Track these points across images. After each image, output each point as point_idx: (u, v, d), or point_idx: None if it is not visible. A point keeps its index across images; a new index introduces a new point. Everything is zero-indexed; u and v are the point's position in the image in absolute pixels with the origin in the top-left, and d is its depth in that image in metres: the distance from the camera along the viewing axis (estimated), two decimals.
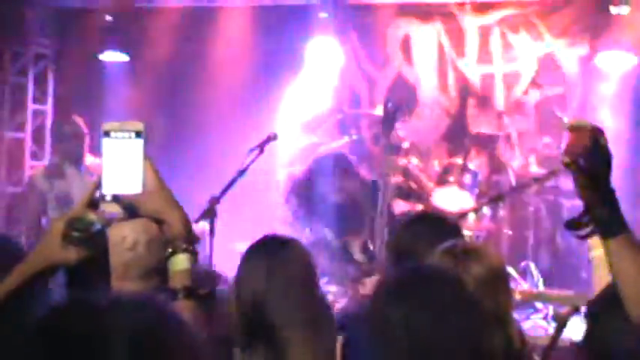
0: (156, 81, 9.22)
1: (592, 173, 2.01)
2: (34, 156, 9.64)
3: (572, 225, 2.09)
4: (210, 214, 5.82)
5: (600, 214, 2.05)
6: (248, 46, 9.07)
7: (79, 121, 6.83)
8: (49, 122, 9.63)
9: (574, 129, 2.04)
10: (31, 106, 9.60)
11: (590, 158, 1.99)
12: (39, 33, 9.53)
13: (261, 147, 6.09)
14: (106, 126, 1.84)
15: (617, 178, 2.10)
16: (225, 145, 8.37)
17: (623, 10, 7.83)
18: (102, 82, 9.51)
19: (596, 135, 2.02)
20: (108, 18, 9.07)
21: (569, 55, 8.88)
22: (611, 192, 2.06)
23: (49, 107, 9.70)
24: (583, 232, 2.09)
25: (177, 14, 9.20)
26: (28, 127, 9.59)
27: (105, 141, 1.84)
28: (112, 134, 1.83)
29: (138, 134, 1.84)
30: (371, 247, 7.67)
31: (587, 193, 2.05)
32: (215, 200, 5.85)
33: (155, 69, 9.20)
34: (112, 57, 9.27)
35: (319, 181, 8.15)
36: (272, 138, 6.23)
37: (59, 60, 9.67)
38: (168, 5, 9.27)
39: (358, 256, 7.94)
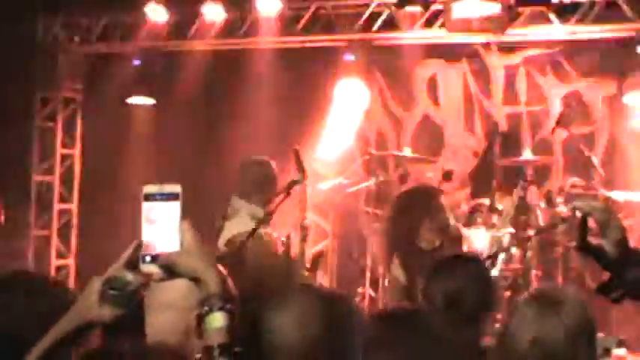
0: (182, 123, 9.29)
1: (603, 253, 2.06)
2: (62, 199, 9.73)
3: (603, 289, 2.11)
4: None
5: (627, 277, 2.08)
6: (273, 88, 9.09)
7: (272, 163, 6.27)
8: (77, 166, 9.72)
9: (580, 210, 2.10)
10: (59, 150, 9.71)
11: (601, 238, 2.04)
12: (68, 78, 9.67)
13: (287, 190, 5.94)
14: (146, 189, 1.88)
15: None
16: None
17: None
18: (129, 126, 9.60)
19: (605, 214, 2.07)
20: (135, 62, 9.18)
21: (595, 94, 8.85)
22: (634, 254, 2.08)
23: (77, 151, 9.79)
24: (614, 295, 2.11)
25: (204, 56, 9.26)
26: (57, 171, 9.70)
27: (145, 204, 1.88)
28: (151, 197, 1.88)
29: (175, 196, 1.88)
30: None
31: (608, 262, 2.09)
32: (242, 245, 5.79)
33: (181, 111, 9.28)
34: (139, 101, 9.37)
35: None
36: (298, 181, 6.11)
37: (87, 104, 9.78)
38: (194, 48, 9.35)
39: None
